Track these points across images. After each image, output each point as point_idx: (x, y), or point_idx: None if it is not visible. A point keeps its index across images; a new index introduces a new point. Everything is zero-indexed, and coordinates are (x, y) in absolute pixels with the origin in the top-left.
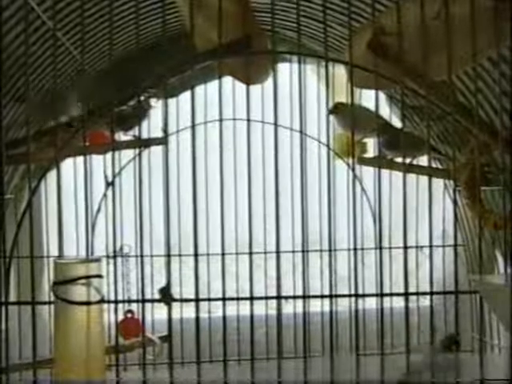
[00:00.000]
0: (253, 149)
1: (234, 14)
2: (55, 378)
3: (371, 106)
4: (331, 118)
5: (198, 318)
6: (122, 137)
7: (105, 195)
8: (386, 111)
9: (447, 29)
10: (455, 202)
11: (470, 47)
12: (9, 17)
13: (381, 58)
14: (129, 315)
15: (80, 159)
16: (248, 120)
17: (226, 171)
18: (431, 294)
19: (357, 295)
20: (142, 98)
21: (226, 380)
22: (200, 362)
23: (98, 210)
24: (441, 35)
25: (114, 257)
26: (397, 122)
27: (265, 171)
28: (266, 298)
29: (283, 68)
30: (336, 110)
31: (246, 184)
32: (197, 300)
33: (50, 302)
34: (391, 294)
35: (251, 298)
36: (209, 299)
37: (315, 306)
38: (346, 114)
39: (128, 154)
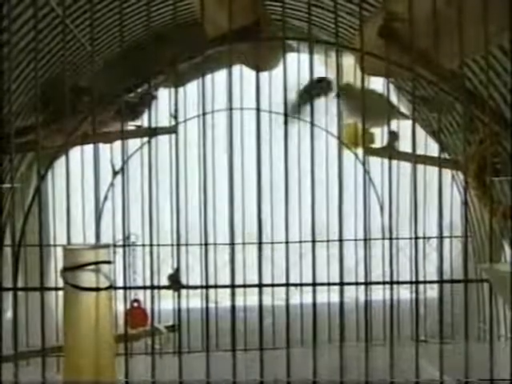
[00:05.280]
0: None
1: (243, 1)
2: (65, 363)
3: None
4: (340, 103)
5: (207, 306)
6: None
7: (112, 184)
8: (394, 101)
9: (459, 15)
10: (465, 200)
11: (482, 34)
12: (17, 2)
13: (391, 44)
14: (135, 304)
15: (87, 148)
16: (257, 109)
17: (234, 161)
18: (440, 282)
19: (367, 283)
20: (151, 84)
21: (234, 370)
22: (208, 351)
23: (105, 199)
24: (452, 22)
25: (124, 246)
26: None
27: (272, 160)
28: (274, 285)
29: (291, 57)
30: (343, 91)
31: (253, 174)
32: (206, 287)
33: (58, 288)
34: (401, 282)
35: (260, 286)
36: (216, 286)
37: (322, 297)
38: (355, 98)
39: (134, 143)
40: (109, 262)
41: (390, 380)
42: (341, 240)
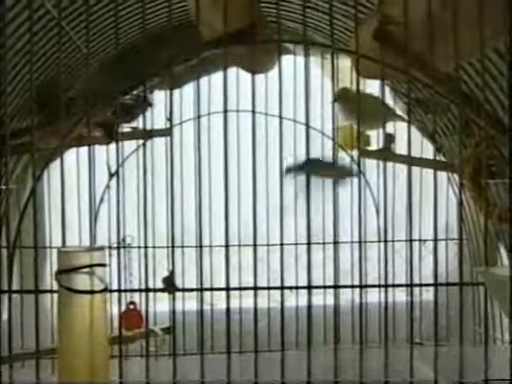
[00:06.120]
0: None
1: (239, 4)
2: (59, 365)
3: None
4: (336, 107)
5: (201, 309)
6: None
7: (108, 186)
8: (390, 104)
9: (454, 18)
10: (461, 202)
11: (477, 37)
12: (13, 4)
13: (387, 47)
14: (131, 306)
15: (83, 149)
16: (253, 111)
17: (230, 163)
18: (435, 285)
19: (361, 286)
20: (146, 88)
21: (229, 372)
22: (203, 354)
23: (101, 201)
24: (447, 25)
25: (119, 248)
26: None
27: (268, 162)
28: (269, 288)
29: (287, 60)
30: (340, 96)
31: (249, 176)
32: (201, 290)
33: (52, 291)
34: (396, 285)
35: (255, 288)
36: (212, 289)
37: (318, 299)
38: (352, 101)
39: (130, 145)
40: (103, 265)
41: (385, 380)
42: (336, 242)
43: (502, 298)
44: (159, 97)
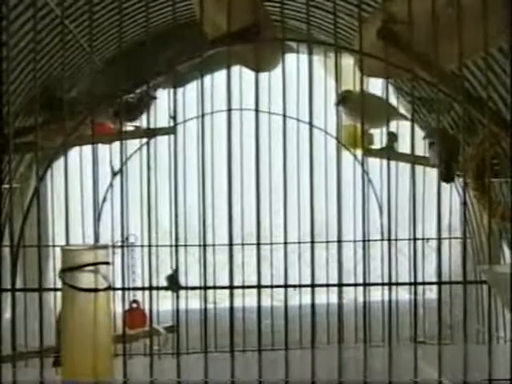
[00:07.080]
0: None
1: (242, 2)
2: (62, 365)
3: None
4: (340, 107)
5: (205, 308)
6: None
7: (111, 185)
8: (393, 103)
9: (458, 17)
10: (464, 201)
11: (481, 35)
12: (17, 3)
13: (391, 46)
14: (134, 305)
15: (86, 148)
16: (256, 110)
17: (233, 162)
18: (439, 283)
19: (365, 284)
20: (150, 85)
21: (233, 370)
22: (206, 352)
23: (104, 200)
24: (451, 23)
25: (123, 246)
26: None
27: (271, 161)
28: (273, 286)
29: (290, 58)
30: (344, 98)
31: (252, 174)
32: (204, 288)
33: (56, 289)
34: (400, 284)
35: (258, 287)
36: (215, 287)
37: (321, 298)
38: (356, 102)
39: (133, 144)
40: (107, 263)
41: (389, 380)
42: (340, 241)
43: (506, 296)
44: (163, 95)
